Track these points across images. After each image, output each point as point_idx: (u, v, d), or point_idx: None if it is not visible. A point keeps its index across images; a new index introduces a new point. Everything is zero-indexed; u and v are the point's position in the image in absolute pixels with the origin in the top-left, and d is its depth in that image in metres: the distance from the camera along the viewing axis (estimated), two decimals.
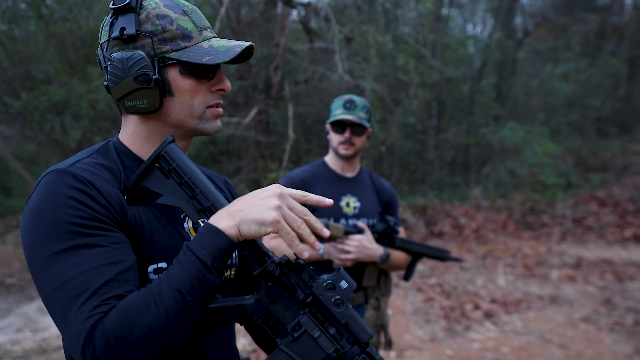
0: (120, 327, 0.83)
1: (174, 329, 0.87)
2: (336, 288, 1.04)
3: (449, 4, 12.85)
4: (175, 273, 0.90)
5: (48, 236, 0.89)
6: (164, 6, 1.04)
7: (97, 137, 9.11)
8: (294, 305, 1.06)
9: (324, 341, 1.05)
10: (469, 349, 4.46)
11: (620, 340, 4.55)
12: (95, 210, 0.93)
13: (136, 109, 1.03)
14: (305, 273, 1.05)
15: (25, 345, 4.51)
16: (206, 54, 1.03)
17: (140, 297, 0.87)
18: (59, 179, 0.94)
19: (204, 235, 0.93)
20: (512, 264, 7.07)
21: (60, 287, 0.87)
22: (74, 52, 9.19)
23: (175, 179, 1.03)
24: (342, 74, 7.01)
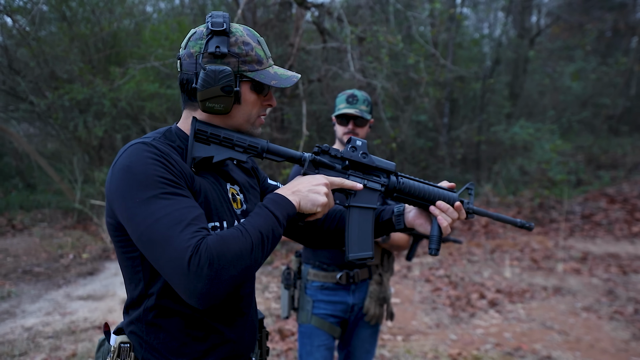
0: (220, 246, 1.12)
1: (254, 257, 1.17)
2: (357, 147, 1.48)
3: (462, 4, 13.00)
4: (258, 221, 1.23)
5: (142, 186, 1.17)
6: (247, 35, 1.34)
7: (119, 135, 9.43)
8: (340, 175, 1.47)
9: (371, 184, 1.51)
10: (472, 334, 4.69)
11: (619, 328, 4.74)
12: (175, 173, 1.22)
13: (213, 110, 1.32)
14: (332, 151, 1.48)
15: (55, 326, 4.82)
16: (273, 78, 1.34)
17: (232, 231, 1.18)
18: (145, 147, 1.22)
19: (278, 202, 1.29)
20: (520, 258, 7.25)
21: (160, 219, 1.13)
22: (96, 52, 9.51)
23: (214, 141, 1.34)
24: (354, 73, 7.23)
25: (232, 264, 1.12)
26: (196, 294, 1.10)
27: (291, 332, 4.61)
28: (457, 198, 1.58)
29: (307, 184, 1.35)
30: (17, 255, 7.27)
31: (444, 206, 1.52)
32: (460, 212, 1.55)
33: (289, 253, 7.43)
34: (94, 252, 7.53)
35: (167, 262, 1.11)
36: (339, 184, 1.42)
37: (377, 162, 1.50)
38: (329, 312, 2.48)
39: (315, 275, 2.49)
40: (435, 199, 1.53)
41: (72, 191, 9.21)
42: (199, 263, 1.08)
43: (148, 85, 8.34)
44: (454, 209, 1.53)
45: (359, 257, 1.46)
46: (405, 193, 1.51)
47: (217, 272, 1.09)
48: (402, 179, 1.52)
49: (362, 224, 1.48)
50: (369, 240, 1.48)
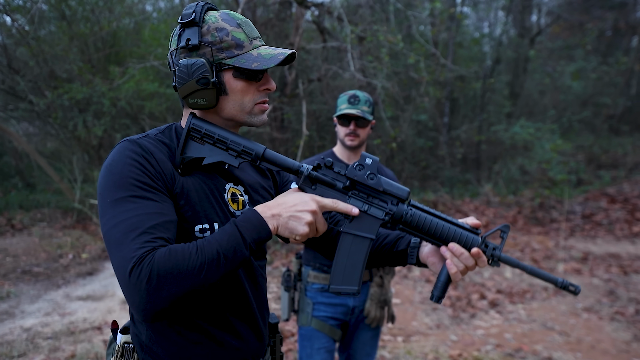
0: (165, 262, 1.07)
1: (204, 278, 1.10)
2: (364, 166, 1.30)
3: (462, 3, 12.98)
4: (221, 238, 1.15)
5: (115, 186, 1.16)
6: (222, 20, 1.27)
7: (118, 134, 9.41)
8: (339, 195, 1.32)
9: (374, 211, 1.31)
10: (473, 335, 4.67)
11: (620, 328, 4.73)
12: (152, 175, 1.19)
13: (197, 105, 1.28)
14: (336, 167, 1.32)
15: (55, 327, 4.80)
16: (255, 60, 1.25)
17: (187, 246, 1.12)
18: (129, 146, 1.21)
19: (253, 222, 1.19)
20: (520, 258, 7.23)
21: (119, 223, 1.12)
22: (95, 51, 9.49)
23: (208, 142, 1.29)
24: (354, 72, 7.22)
25: (175, 282, 1.07)
26: (134, 306, 1.08)
27: (291, 332, 4.60)
28: (478, 242, 1.32)
29: (291, 208, 1.22)
30: (17, 255, 7.25)
31: (457, 250, 1.30)
32: (479, 259, 1.31)
33: (289, 253, 7.41)
34: (94, 252, 7.52)
35: (116, 268, 1.10)
36: (330, 207, 1.26)
37: (386, 185, 1.30)
38: (330, 314, 2.47)
39: (315, 277, 2.47)
40: (449, 240, 1.31)
41: (71, 191, 9.19)
42: (139, 276, 1.05)
43: (147, 84, 8.32)
44: (469, 255, 1.30)
45: (341, 290, 1.32)
46: (413, 227, 1.32)
47: (155, 288, 1.05)
48: (413, 210, 1.32)
49: (353, 254, 1.31)
50: (357, 274, 1.32)
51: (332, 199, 1.28)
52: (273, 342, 1.57)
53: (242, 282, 1.37)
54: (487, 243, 1.32)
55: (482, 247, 1.31)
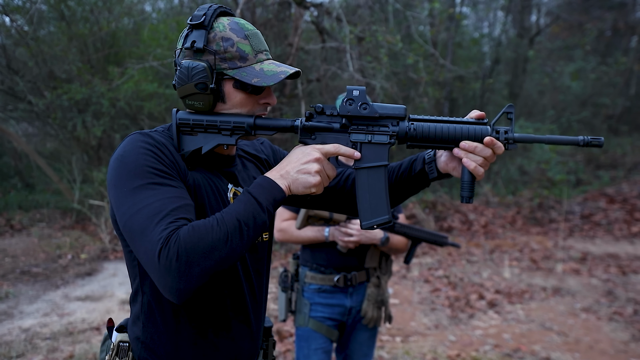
0: (191, 237, 1.07)
1: (230, 248, 1.11)
2: (354, 99, 1.29)
3: (461, 3, 12.98)
4: (238, 207, 1.16)
5: (132, 175, 1.15)
6: (230, 30, 1.26)
7: (117, 135, 9.41)
8: (340, 135, 1.32)
9: (378, 138, 1.31)
10: (471, 335, 4.67)
11: (618, 329, 4.73)
12: (167, 164, 1.20)
13: (194, 107, 1.29)
14: (327, 109, 1.32)
15: (53, 328, 4.80)
16: (256, 76, 1.25)
17: (207, 221, 1.12)
18: (141, 137, 1.21)
19: (264, 185, 1.20)
20: (519, 258, 7.24)
21: (141, 210, 1.11)
22: (95, 52, 9.49)
23: (199, 130, 1.29)
24: (353, 73, 7.22)
25: (205, 256, 1.07)
26: (167, 288, 1.07)
27: (289, 333, 4.60)
28: (488, 131, 1.28)
29: (296, 163, 1.23)
30: (16, 256, 7.25)
31: (469, 146, 1.26)
32: (494, 147, 1.26)
33: (288, 253, 7.42)
34: (93, 252, 7.52)
35: (143, 254, 1.10)
36: (333, 152, 1.27)
37: (381, 110, 1.29)
38: (327, 315, 2.47)
39: (312, 277, 2.48)
40: (459, 139, 1.28)
41: (70, 191, 9.19)
42: (167, 255, 1.05)
43: (147, 85, 8.31)
44: (483, 146, 1.26)
45: (374, 223, 1.31)
46: (420, 139, 1.30)
47: (186, 265, 1.05)
48: (415, 124, 1.30)
49: (373, 186, 1.31)
50: (384, 202, 1.31)
51: (334, 144, 1.28)
52: (266, 346, 1.58)
53: (241, 282, 1.38)
54: (497, 129, 1.30)
55: (493, 135, 1.29)
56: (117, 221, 1.22)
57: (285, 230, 2.50)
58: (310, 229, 2.44)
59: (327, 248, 2.46)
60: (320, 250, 2.48)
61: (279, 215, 2.56)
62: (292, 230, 2.46)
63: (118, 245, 7.82)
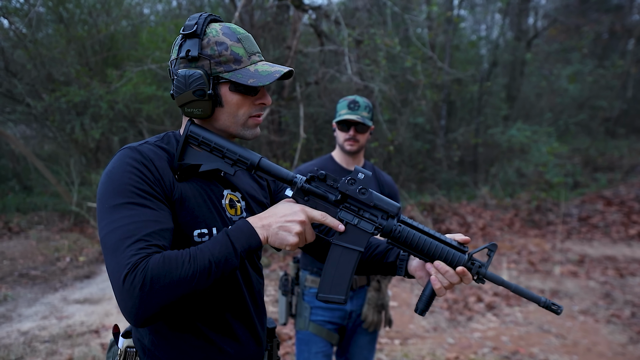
0: (159, 269, 1.09)
1: (195, 287, 1.13)
2: (356, 180, 1.33)
3: (459, 6, 13.02)
4: (213, 247, 1.18)
5: (115, 192, 1.18)
6: (222, 34, 1.30)
7: (116, 137, 9.41)
8: (331, 207, 1.35)
9: (364, 225, 1.35)
10: (470, 337, 4.69)
11: (616, 331, 4.75)
12: (151, 182, 1.22)
13: (193, 114, 1.31)
14: (329, 179, 1.35)
15: (52, 330, 4.80)
16: (251, 76, 1.28)
17: (180, 254, 1.14)
18: (129, 153, 1.24)
19: (244, 231, 1.22)
20: (517, 260, 7.26)
21: (115, 229, 1.14)
22: (93, 54, 9.50)
23: (205, 149, 1.32)
24: (352, 76, 7.24)
25: (168, 290, 1.09)
26: (127, 311, 1.09)
27: (289, 336, 4.60)
28: (463, 260, 1.34)
29: (280, 219, 1.26)
30: (14, 259, 7.24)
31: (442, 268, 1.33)
32: (464, 277, 1.33)
33: (287, 257, 7.42)
34: (91, 255, 7.51)
35: (110, 273, 1.12)
36: (319, 220, 1.30)
37: (377, 201, 1.34)
38: (327, 318, 2.48)
39: (313, 281, 2.49)
40: (435, 257, 1.34)
41: (69, 193, 9.18)
42: (132, 282, 1.07)
43: (145, 87, 8.32)
44: (454, 273, 1.33)
45: (329, 299, 1.36)
46: (400, 242, 1.36)
47: (148, 295, 1.08)
48: (402, 227, 1.35)
49: (341, 265, 1.35)
50: (345, 284, 1.35)
51: (322, 212, 1.31)
52: (270, 347, 1.60)
53: (240, 286, 1.39)
54: (473, 260, 1.35)
55: (468, 264, 1.34)
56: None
57: None
58: None
59: None
60: None
61: None
62: None
63: None
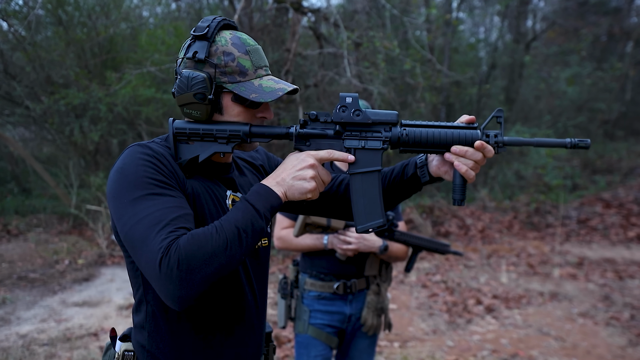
0: (190, 245, 1.09)
1: (229, 255, 1.13)
2: (347, 106, 1.32)
3: (458, 8, 13.04)
4: (236, 215, 1.18)
5: (132, 186, 1.18)
6: (232, 44, 1.29)
7: (115, 140, 9.40)
8: (334, 142, 1.35)
9: (371, 144, 1.35)
10: (469, 340, 4.68)
11: (615, 334, 4.75)
12: (165, 174, 1.22)
13: (191, 116, 1.31)
14: (321, 116, 1.35)
15: (51, 334, 4.79)
16: (254, 91, 1.27)
17: (207, 229, 1.14)
18: (140, 149, 1.24)
19: (261, 193, 1.23)
20: (516, 263, 7.26)
21: (141, 220, 1.13)
22: (92, 57, 9.49)
23: (196, 139, 1.32)
24: (351, 78, 7.24)
25: (205, 263, 1.09)
26: (169, 296, 1.09)
27: (288, 339, 4.60)
28: (478, 135, 1.32)
29: (291, 170, 1.27)
30: (12, 261, 7.23)
31: (460, 150, 1.30)
32: (484, 150, 1.30)
33: (286, 259, 7.42)
34: (90, 257, 7.50)
35: (144, 264, 1.11)
36: (327, 158, 1.30)
37: (374, 116, 1.32)
38: (326, 322, 2.48)
39: (312, 284, 2.49)
40: (450, 143, 1.32)
41: (67, 196, 9.17)
42: (168, 264, 1.07)
43: (144, 90, 8.32)
44: (474, 150, 1.30)
45: (369, 227, 1.35)
46: (412, 145, 1.33)
47: (187, 273, 1.07)
48: (407, 129, 1.33)
49: (367, 190, 1.35)
50: (378, 206, 1.36)
51: (328, 150, 1.31)
52: (267, 351, 1.61)
53: (243, 288, 1.40)
54: (487, 133, 1.33)
55: (483, 138, 1.32)
56: (118, 232, 1.23)
57: (284, 238, 2.52)
58: (309, 237, 2.45)
59: (326, 255, 2.47)
60: (319, 258, 2.49)
61: (278, 223, 2.57)
62: (290, 238, 2.48)
63: (115, 250, 7.81)
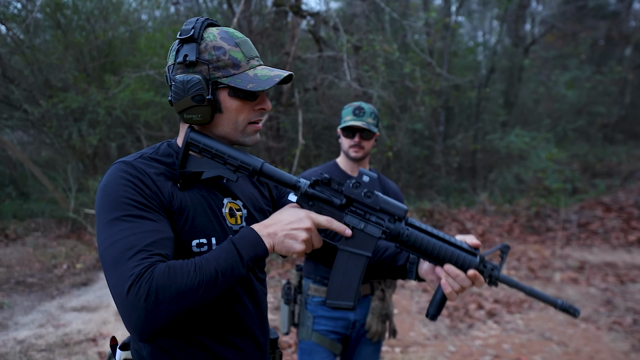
0: (164, 278, 1.06)
1: (201, 297, 1.10)
2: (361, 184, 1.29)
3: (457, 12, 13.05)
4: (219, 256, 1.15)
5: (111, 207, 1.15)
6: (220, 39, 1.26)
7: (114, 143, 9.37)
8: (336, 212, 1.31)
9: (371, 229, 1.31)
10: (471, 345, 4.65)
11: (618, 339, 4.71)
12: (146, 195, 1.19)
13: (192, 120, 1.28)
14: (333, 183, 1.31)
15: (49, 339, 4.74)
16: (250, 81, 1.25)
17: (185, 263, 1.11)
18: (123, 167, 1.21)
19: (250, 239, 1.19)
20: (517, 267, 7.23)
21: (115, 243, 1.11)
22: (91, 60, 9.47)
23: (207, 155, 1.29)
24: (350, 82, 7.23)
25: (174, 300, 1.06)
26: (131, 324, 1.06)
27: (288, 344, 4.56)
28: (475, 263, 1.29)
29: (286, 226, 1.23)
30: (10, 266, 7.18)
31: (452, 272, 1.28)
32: (476, 280, 1.28)
33: (286, 263, 7.38)
34: (88, 262, 7.46)
35: (112, 287, 1.09)
36: (325, 226, 1.26)
37: (383, 204, 1.29)
38: (330, 328, 2.44)
39: (316, 290, 2.45)
40: (446, 260, 1.29)
41: (66, 200, 9.13)
42: (137, 293, 1.04)
43: (143, 93, 8.30)
44: (465, 277, 1.28)
45: (337, 305, 1.32)
46: (409, 246, 1.31)
47: (154, 305, 1.04)
48: (410, 230, 1.31)
49: (349, 271, 1.31)
50: (353, 290, 1.32)
51: (327, 218, 1.27)
52: (273, 358, 1.57)
53: (242, 297, 1.36)
54: (485, 263, 1.30)
55: (480, 267, 1.29)
56: None
57: None
58: None
59: None
60: None
61: None
62: None
63: None
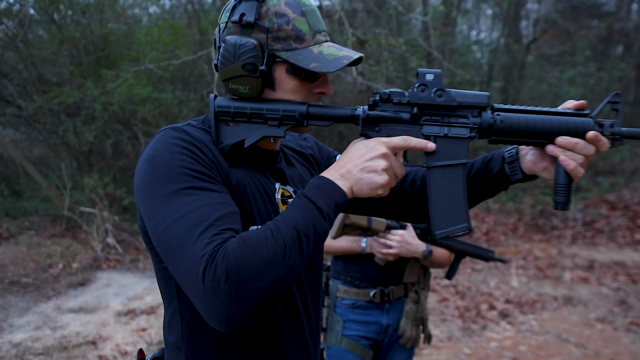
0: (242, 252, 0.87)
1: (288, 265, 0.91)
2: (427, 84, 1.07)
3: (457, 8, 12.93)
4: (294, 214, 0.95)
5: (164, 179, 0.95)
6: (285, 4, 1.06)
7: (110, 140, 9.16)
8: (409, 127, 1.10)
9: (456, 131, 1.09)
10: (487, 347, 4.49)
11: (638, 340, 4.58)
12: (206, 164, 1.00)
13: (238, 92, 1.07)
14: (394, 96, 1.10)
15: (46, 342, 4.54)
16: (314, 60, 1.05)
17: (260, 231, 0.92)
18: (174, 133, 1.01)
19: (322, 188, 0.99)
20: (524, 266, 7.09)
21: (178, 220, 0.91)
22: (86, 55, 9.27)
23: (242, 120, 1.09)
24: (355, 76, 7.07)
25: (259, 275, 0.87)
26: (215, 315, 0.87)
27: None
28: (590, 125, 1.06)
29: (359, 160, 1.03)
30: (4, 265, 6.95)
31: (568, 142, 1.05)
32: (599, 144, 1.05)
33: None
34: (85, 261, 7.24)
35: (182, 274, 0.90)
36: (402, 146, 1.06)
37: (460, 98, 1.07)
38: (361, 333, 2.25)
39: (345, 292, 2.26)
40: (556, 133, 1.06)
41: (60, 198, 8.91)
42: (214, 275, 0.85)
43: (140, 89, 8.09)
44: (585, 142, 1.05)
45: (450, 232, 1.10)
46: (507, 133, 1.08)
47: (237, 287, 0.86)
48: (501, 115, 1.08)
49: (449, 188, 1.10)
50: (462, 208, 1.10)
51: (402, 137, 1.07)
52: None
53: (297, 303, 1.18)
54: (599, 122, 1.08)
55: (596, 128, 1.07)
56: (148, 234, 1.01)
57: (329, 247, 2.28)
58: (345, 239, 2.22)
59: (362, 260, 2.24)
60: (354, 262, 2.26)
61: None
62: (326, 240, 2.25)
63: (111, 254, 7.55)
